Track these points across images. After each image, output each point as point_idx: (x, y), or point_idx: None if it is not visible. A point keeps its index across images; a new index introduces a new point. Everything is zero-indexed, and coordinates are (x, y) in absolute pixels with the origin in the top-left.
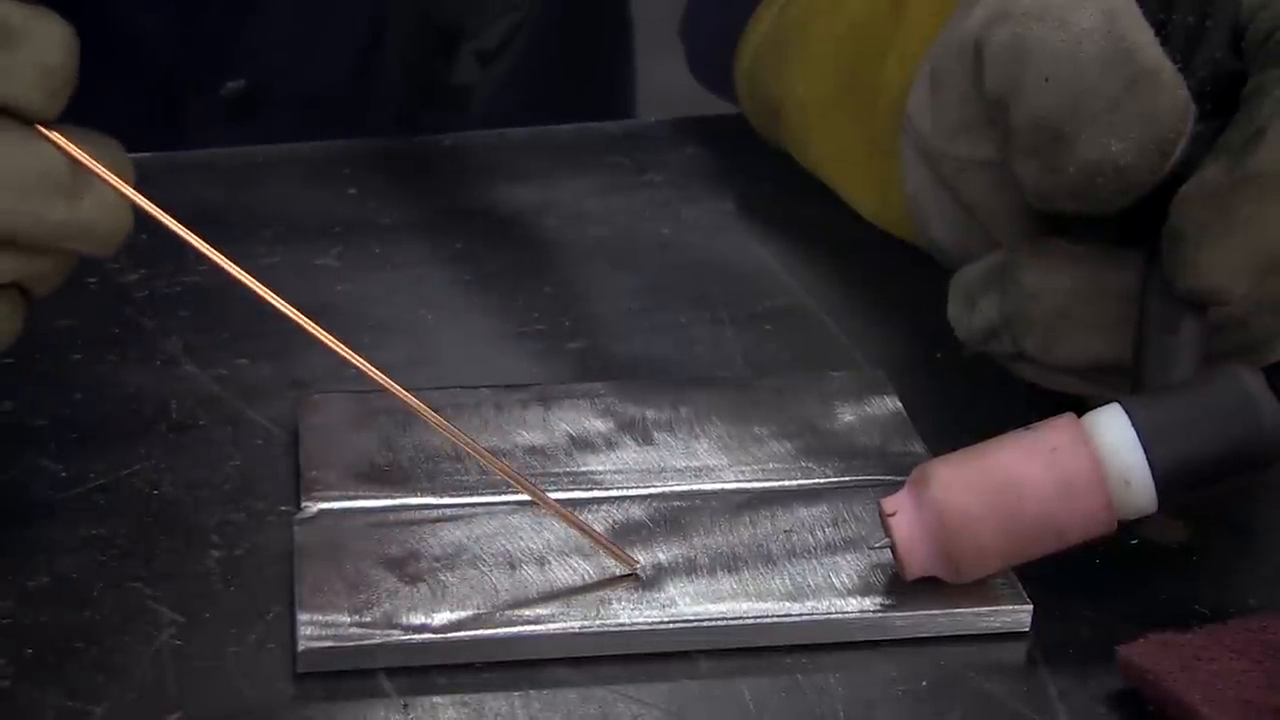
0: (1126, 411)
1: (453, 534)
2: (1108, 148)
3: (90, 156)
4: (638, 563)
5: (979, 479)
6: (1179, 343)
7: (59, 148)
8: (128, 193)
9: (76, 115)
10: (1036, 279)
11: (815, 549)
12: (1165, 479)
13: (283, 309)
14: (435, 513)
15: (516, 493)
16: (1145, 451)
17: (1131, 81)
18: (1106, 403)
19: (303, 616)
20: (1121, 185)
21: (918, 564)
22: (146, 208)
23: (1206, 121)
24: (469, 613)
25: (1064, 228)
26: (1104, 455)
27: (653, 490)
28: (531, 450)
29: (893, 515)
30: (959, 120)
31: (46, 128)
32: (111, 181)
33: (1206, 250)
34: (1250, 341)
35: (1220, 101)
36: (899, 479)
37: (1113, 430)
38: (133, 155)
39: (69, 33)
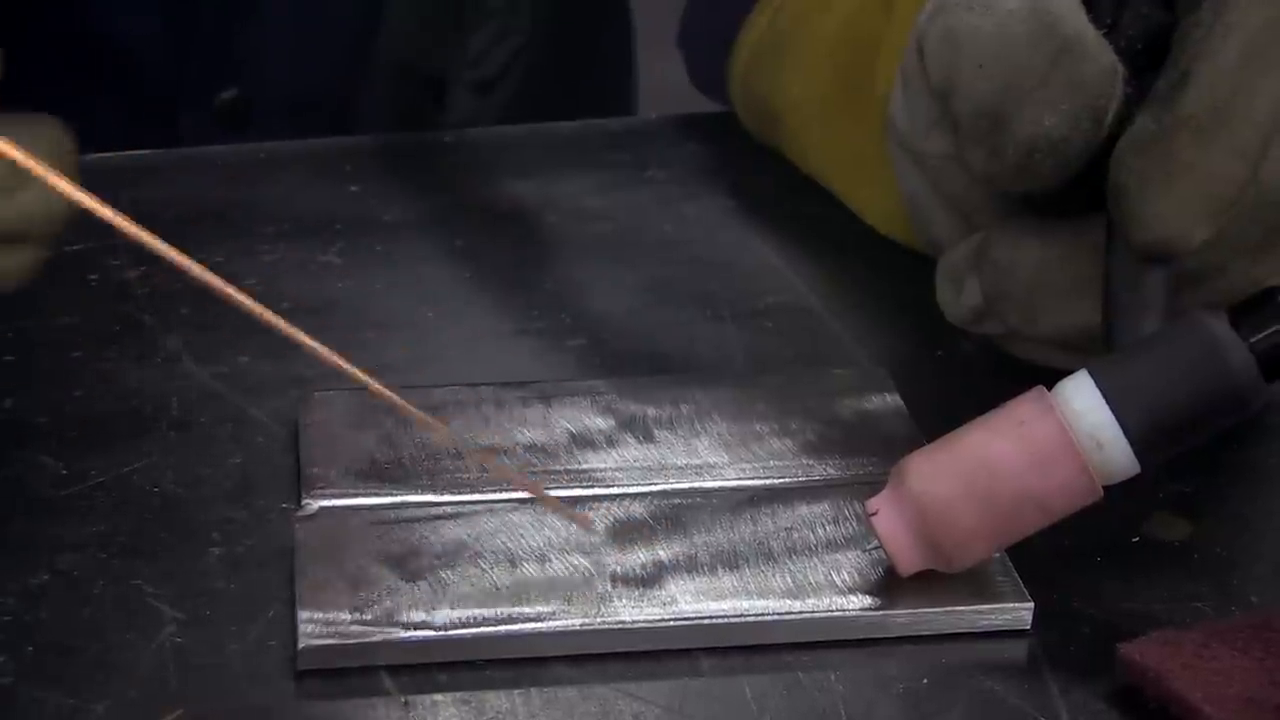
0: (1092, 374)
1: (453, 531)
2: (1041, 123)
3: (28, 146)
4: (591, 520)
5: (952, 464)
6: (1144, 299)
7: None
8: (65, 188)
9: (73, 127)
10: (1008, 253)
11: (816, 546)
12: (1139, 436)
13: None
14: (436, 510)
15: (516, 491)
16: (1114, 411)
17: (1057, 54)
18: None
19: (303, 614)
20: (1059, 158)
21: (907, 559)
22: (85, 202)
23: (1142, 78)
24: (470, 610)
25: (1044, 207)
26: (1071, 420)
27: (653, 488)
28: (532, 448)
29: (874, 514)
30: (928, 117)
31: None
32: (49, 178)
33: (1151, 201)
34: (1232, 288)
35: (1154, 56)
36: None
37: (1079, 394)
38: (131, 154)
39: None
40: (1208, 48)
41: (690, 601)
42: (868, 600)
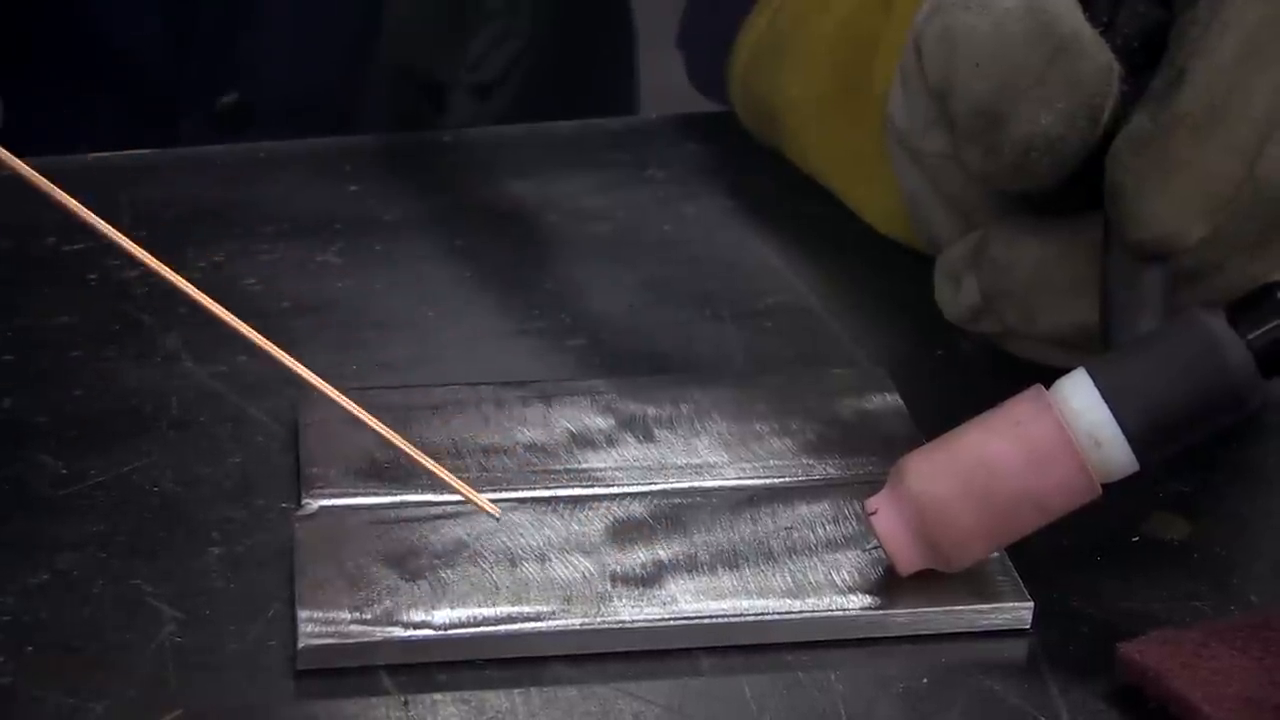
0: (1089, 373)
1: (453, 531)
2: (1038, 122)
3: None
4: (499, 513)
5: (950, 464)
6: (1141, 297)
7: None
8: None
9: (73, 128)
10: (1006, 252)
11: (816, 546)
12: (1137, 434)
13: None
14: (436, 510)
15: (516, 490)
16: (1112, 410)
17: (1053, 53)
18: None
19: (303, 614)
20: (1055, 157)
21: (906, 558)
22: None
23: (1139, 76)
24: (469, 610)
25: (1041, 206)
26: (1068, 419)
27: (653, 487)
28: (532, 447)
29: (873, 514)
30: (926, 116)
31: None
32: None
33: (1148, 199)
34: (1229, 285)
35: (1151, 54)
36: None
37: (1076, 393)
38: (130, 154)
39: None
40: (1204, 45)
41: (690, 601)
42: (867, 600)
